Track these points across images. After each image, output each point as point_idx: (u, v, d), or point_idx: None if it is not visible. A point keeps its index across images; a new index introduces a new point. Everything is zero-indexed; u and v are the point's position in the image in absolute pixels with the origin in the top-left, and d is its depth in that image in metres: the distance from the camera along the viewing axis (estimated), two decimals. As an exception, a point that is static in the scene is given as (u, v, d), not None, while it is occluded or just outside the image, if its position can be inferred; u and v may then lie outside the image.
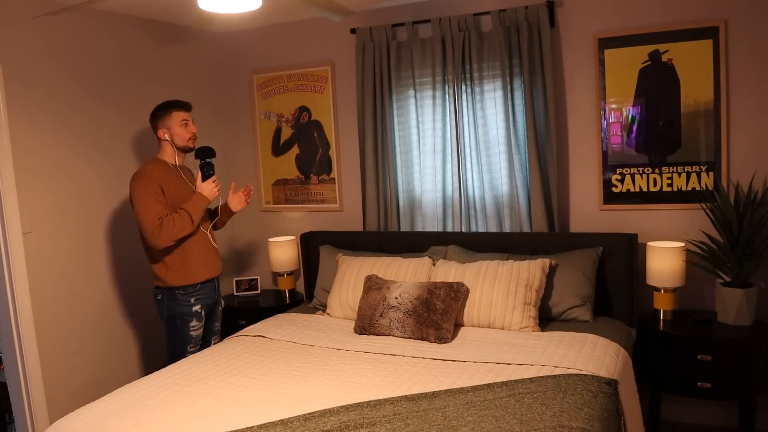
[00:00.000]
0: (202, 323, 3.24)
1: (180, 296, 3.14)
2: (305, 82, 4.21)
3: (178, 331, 3.17)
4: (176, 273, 3.12)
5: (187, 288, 3.16)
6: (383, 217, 3.93)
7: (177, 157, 3.22)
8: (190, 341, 3.19)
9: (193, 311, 3.17)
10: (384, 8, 3.87)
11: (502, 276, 3.19)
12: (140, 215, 3.00)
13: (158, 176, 3.08)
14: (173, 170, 3.20)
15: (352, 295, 3.46)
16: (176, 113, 3.16)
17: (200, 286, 3.20)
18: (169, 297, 3.14)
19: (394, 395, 2.38)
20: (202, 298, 3.21)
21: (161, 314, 3.20)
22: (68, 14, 3.34)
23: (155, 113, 3.18)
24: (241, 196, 3.46)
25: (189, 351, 3.19)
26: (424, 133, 3.80)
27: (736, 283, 3.09)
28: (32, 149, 3.19)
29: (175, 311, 3.14)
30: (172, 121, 3.15)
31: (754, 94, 3.17)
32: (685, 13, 3.25)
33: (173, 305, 3.14)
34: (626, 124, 3.43)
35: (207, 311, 3.28)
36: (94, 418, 2.34)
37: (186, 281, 3.14)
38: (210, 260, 3.26)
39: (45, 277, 3.24)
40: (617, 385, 2.43)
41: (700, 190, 3.31)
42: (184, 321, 3.16)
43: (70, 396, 3.34)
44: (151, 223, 2.98)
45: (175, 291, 3.13)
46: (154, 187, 3.03)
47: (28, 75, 3.17)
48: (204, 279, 3.21)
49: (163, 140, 3.17)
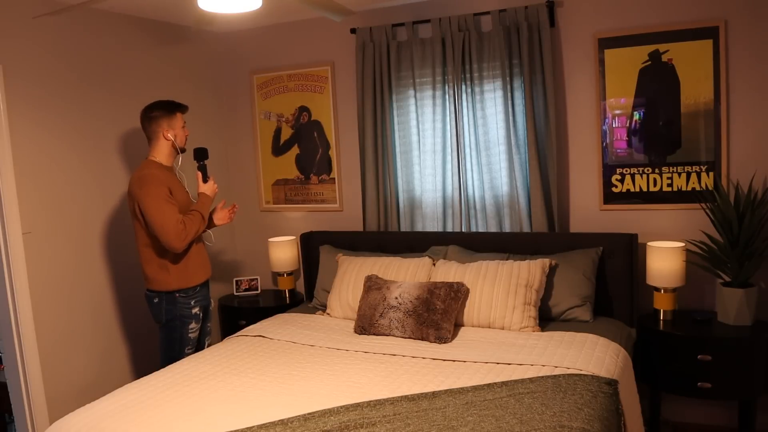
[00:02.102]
0: (199, 325, 3.24)
1: (180, 299, 3.12)
2: (305, 82, 4.21)
3: (176, 333, 3.14)
4: (179, 276, 3.10)
5: (188, 291, 3.14)
6: (383, 217, 3.93)
7: (173, 158, 3.20)
8: (188, 343, 3.18)
9: (193, 313, 3.17)
10: (384, 8, 3.87)
11: (502, 276, 3.19)
12: (160, 220, 2.95)
13: (163, 179, 3.04)
14: (171, 171, 3.19)
15: (352, 295, 3.46)
16: (180, 115, 3.16)
17: (199, 288, 3.21)
18: (168, 300, 3.11)
19: (394, 395, 2.38)
20: (200, 300, 3.21)
21: (158, 318, 3.16)
22: (68, 14, 3.34)
23: (157, 114, 3.10)
24: (226, 213, 3.45)
25: (186, 353, 3.18)
26: (424, 133, 3.80)
27: (736, 283, 3.09)
28: (32, 149, 3.19)
29: (175, 314, 3.12)
30: (176, 122, 3.14)
31: (754, 94, 3.17)
32: (685, 13, 3.25)
33: (173, 308, 3.11)
34: (626, 124, 3.42)
35: (203, 312, 3.28)
36: (94, 418, 2.34)
37: (187, 284, 3.13)
38: (205, 262, 3.27)
39: (45, 277, 3.24)
40: (617, 385, 2.43)
41: (700, 190, 3.31)
42: (184, 323, 3.14)
43: (70, 396, 3.34)
44: (173, 227, 2.95)
45: (175, 294, 3.10)
46: (164, 191, 3.00)
47: (28, 75, 3.17)
48: (203, 281, 3.23)
49: (164, 141, 3.12)
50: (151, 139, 3.14)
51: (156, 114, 3.10)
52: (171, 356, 3.15)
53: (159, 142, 3.13)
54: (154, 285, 3.12)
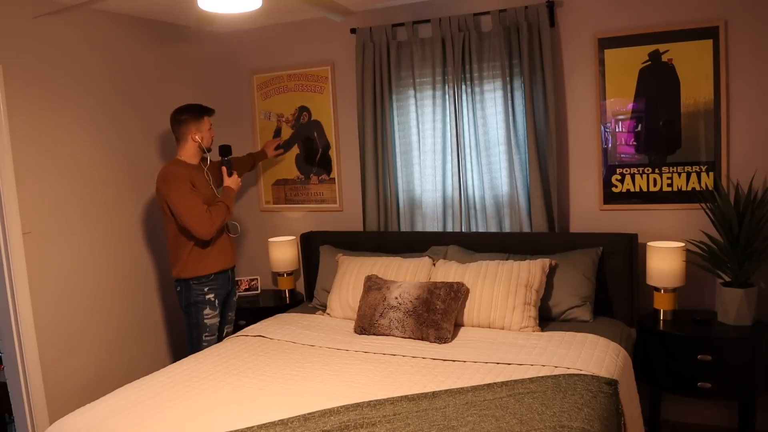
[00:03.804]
0: (216, 312, 3.44)
1: (194, 286, 3.35)
2: (305, 82, 4.21)
3: (193, 319, 3.39)
4: (193, 265, 3.33)
5: (201, 278, 3.35)
6: (383, 217, 3.93)
7: (199, 157, 3.44)
8: (205, 329, 3.39)
9: (207, 299, 3.37)
10: (384, 8, 3.87)
11: (502, 276, 3.19)
12: (188, 211, 3.20)
13: (185, 174, 3.28)
14: (195, 168, 3.41)
15: (352, 295, 3.46)
16: (207, 119, 3.42)
17: (214, 276, 3.40)
18: (185, 287, 3.37)
19: (394, 395, 2.38)
20: (215, 288, 3.41)
21: (180, 305, 3.44)
22: (68, 14, 3.34)
23: (186, 117, 3.34)
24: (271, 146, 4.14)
25: (205, 340, 3.39)
26: (424, 133, 3.80)
27: (736, 283, 3.09)
28: (32, 149, 3.19)
29: (191, 300, 3.37)
30: (204, 125, 3.40)
31: (754, 94, 3.17)
32: (685, 13, 3.25)
33: (189, 294, 3.37)
34: (626, 124, 3.43)
35: (221, 300, 3.48)
36: (94, 418, 2.34)
37: (200, 272, 3.34)
38: (226, 252, 3.48)
39: (45, 277, 3.24)
40: (617, 385, 2.43)
41: (700, 190, 3.31)
42: (198, 309, 3.37)
43: (70, 396, 3.34)
44: (201, 216, 3.22)
45: (190, 281, 3.34)
46: (187, 184, 3.24)
47: (28, 75, 3.17)
48: (218, 270, 3.41)
49: (192, 142, 3.35)
50: (179, 140, 3.39)
51: (185, 117, 3.35)
52: (191, 342, 3.41)
53: (187, 144, 3.38)
54: (174, 272, 3.39)
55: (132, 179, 3.77)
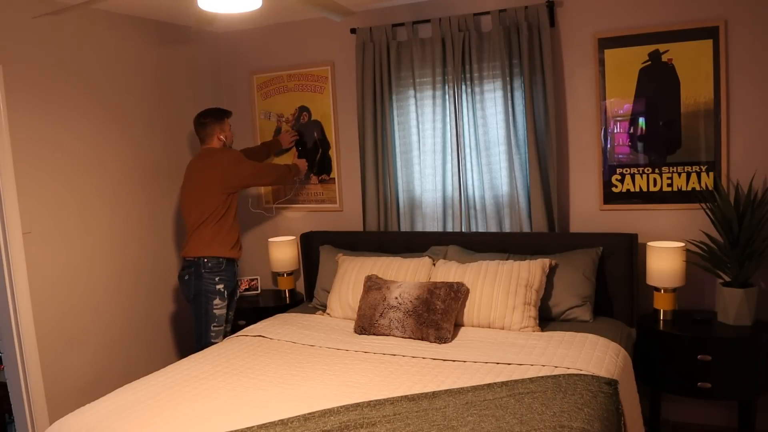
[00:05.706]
0: (225, 303, 3.54)
1: (206, 274, 3.46)
2: (305, 82, 4.21)
3: (202, 309, 3.47)
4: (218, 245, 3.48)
5: (218, 262, 3.48)
6: (383, 217, 3.93)
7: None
8: (213, 319, 3.48)
9: (217, 289, 3.48)
10: (384, 8, 3.87)
11: (502, 276, 3.19)
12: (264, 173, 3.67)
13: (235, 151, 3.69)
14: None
15: (352, 295, 3.46)
16: (227, 120, 3.67)
17: (225, 264, 3.51)
18: (195, 275, 3.46)
19: (394, 395, 2.38)
20: (224, 279, 3.52)
21: (187, 295, 3.53)
22: (68, 14, 3.34)
23: (209, 120, 3.58)
24: (287, 137, 4.22)
25: (213, 330, 3.49)
26: (424, 133, 3.80)
27: (736, 283, 3.09)
28: (32, 149, 3.19)
29: (201, 289, 3.46)
30: (225, 126, 3.66)
31: (754, 94, 3.17)
32: (685, 13, 3.25)
33: (199, 283, 3.46)
34: (626, 124, 3.43)
35: (229, 294, 3.59)
36: (94, 418, 2.34)
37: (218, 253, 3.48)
38: (238, 243, 3.63)
39: (45, 277, 3.24)
40: (617, 385, 2.43)
41: (700, 190, 3.31)
42: (209, 299, 3.46)
43: (70, 396, 3.34)
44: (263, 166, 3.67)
45: (201, 270, 3.45)
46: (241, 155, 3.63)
47: (28, 75, 3.17)
48: (230, 256, 3.55)
49: (218, 140, 3.61)
50: (204, 140, 3.64)
51: (207, 121, 3.60)
52: (199, 332, 3.51)
53: (213, 143, 3.62)
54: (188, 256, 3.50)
55: (132, 179, 3.77)
